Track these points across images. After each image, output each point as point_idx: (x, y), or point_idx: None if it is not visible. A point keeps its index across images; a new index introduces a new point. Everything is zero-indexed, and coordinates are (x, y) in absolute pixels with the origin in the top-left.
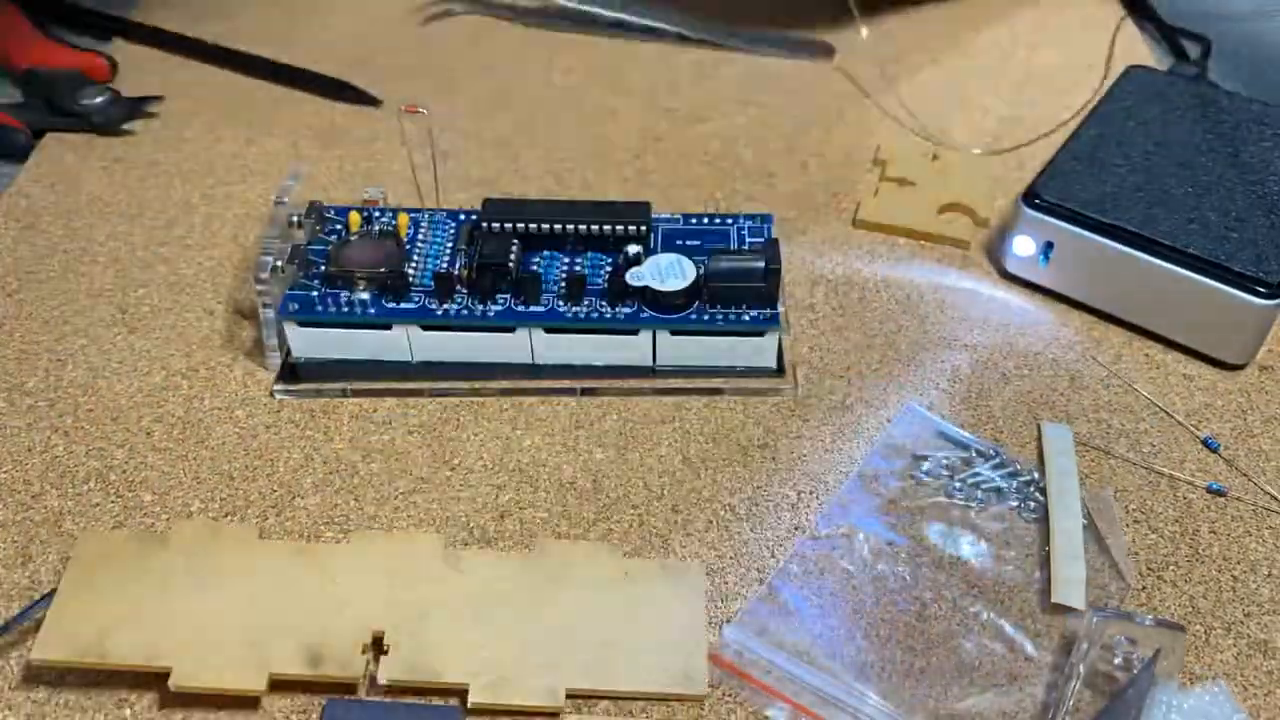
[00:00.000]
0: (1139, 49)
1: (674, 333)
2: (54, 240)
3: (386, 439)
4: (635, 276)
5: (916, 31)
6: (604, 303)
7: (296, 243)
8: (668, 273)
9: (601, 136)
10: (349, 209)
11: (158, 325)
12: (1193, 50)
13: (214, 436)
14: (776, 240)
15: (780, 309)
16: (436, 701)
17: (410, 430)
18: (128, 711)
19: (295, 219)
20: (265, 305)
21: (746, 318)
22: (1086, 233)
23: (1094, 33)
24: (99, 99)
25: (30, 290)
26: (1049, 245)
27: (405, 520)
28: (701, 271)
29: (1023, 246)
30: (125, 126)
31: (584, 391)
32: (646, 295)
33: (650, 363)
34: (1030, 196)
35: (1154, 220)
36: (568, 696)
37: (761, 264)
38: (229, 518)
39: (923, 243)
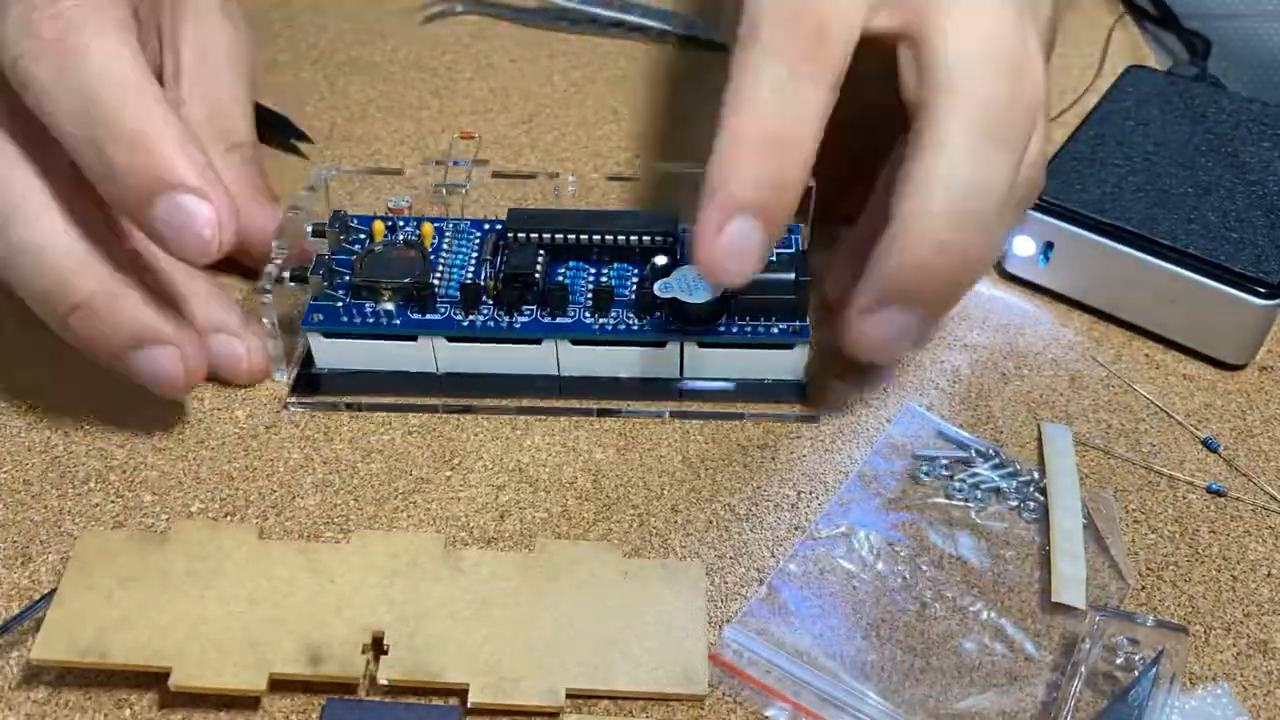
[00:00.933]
0: (1139, 49)
1: (702, 345)
2: None
3: (386, 439)
4: (663, 288)
5: None
6: (631, 315)
7: (320, 252)
8: (695, 285)
9: (602, 137)
10: (372, 218)
11: None
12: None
13: (214, 436)
14: (806, 252)
15: (809, 322)
16: (437, 701)
17: (410, 430)
18: (128, 711)
19: (313, 228)
20: (268, 317)
21: (775, 330)
22: (1086, 233)
23: (1092, 32)
24: None
25: None
26: (1049, 245)
27: (405, 520)
28: None
29: (1023, 246)
30: None
31: (601, 412)
32: (674, 307)
33: (677, 375)
34: None
35: (1154, 220)
36: (568, 696)
37: (791, 276)
38: (229, 518)
39: None
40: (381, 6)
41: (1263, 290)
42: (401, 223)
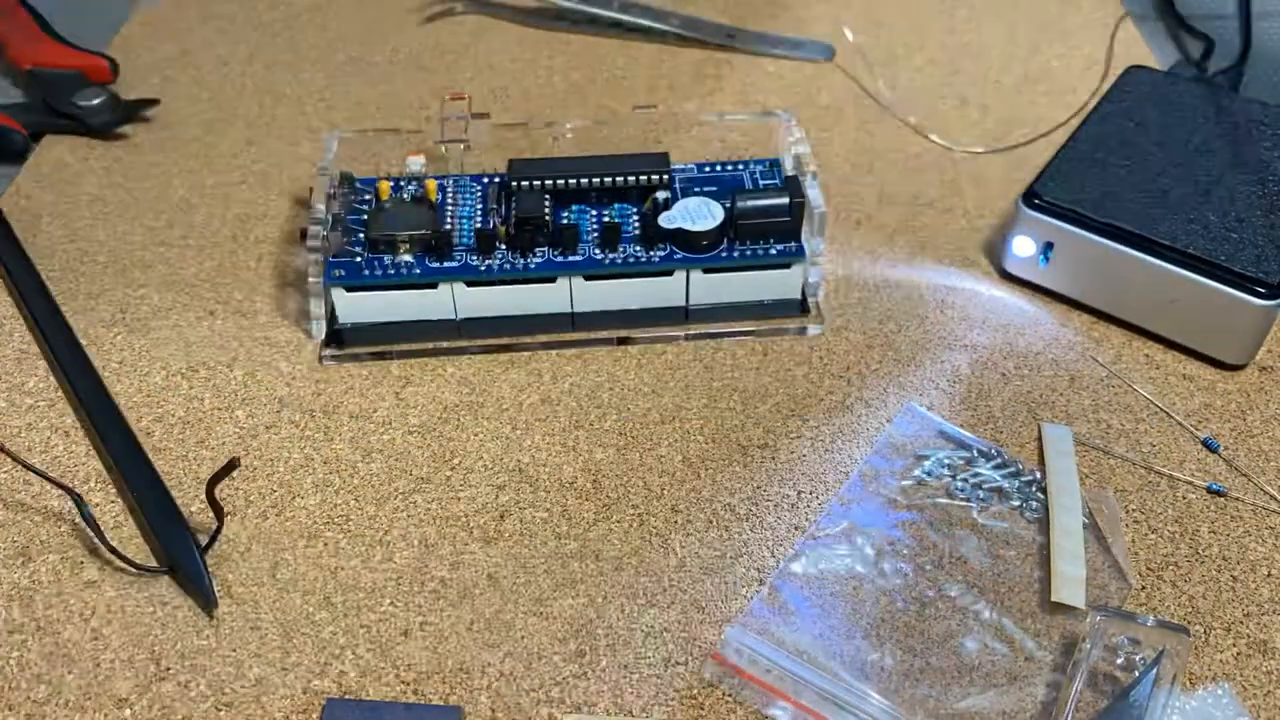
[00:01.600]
0: (1139, 49)
1: (706, 271)
2: (54, 240)
3: (386, 439)
4: (668, 219)
5: (916, 31)
6: (639, 248)
7: (335, 212)
8: (697, 214)
9: (602, 137)
10: (376, 179)
11: (157, 325)
12: (1194, 49)
13: (214, 436)
14: (795, 177)
15: (805, 242)
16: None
17: (410, 430)
18: (128, 712)
19: (331, 190)
20: (315, 274)
21: (773, 251)
22: (1086, 233)
23: (1094, 32)
24: (96, 100)
25: None
26: (1049, 245)
27: (405, 520)
28: (729, 211)
29: (1022, 246)
30: (122, 129)
31: (620, 341)
32: (678, 238)
33: (684, 303)
34: (1030, 197)
35: (1154, 220)
36: None
37: (786, 200)
38: (229, 518)
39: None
40: (381, 6)
41: (1263, 290)
42: (404, 181)
